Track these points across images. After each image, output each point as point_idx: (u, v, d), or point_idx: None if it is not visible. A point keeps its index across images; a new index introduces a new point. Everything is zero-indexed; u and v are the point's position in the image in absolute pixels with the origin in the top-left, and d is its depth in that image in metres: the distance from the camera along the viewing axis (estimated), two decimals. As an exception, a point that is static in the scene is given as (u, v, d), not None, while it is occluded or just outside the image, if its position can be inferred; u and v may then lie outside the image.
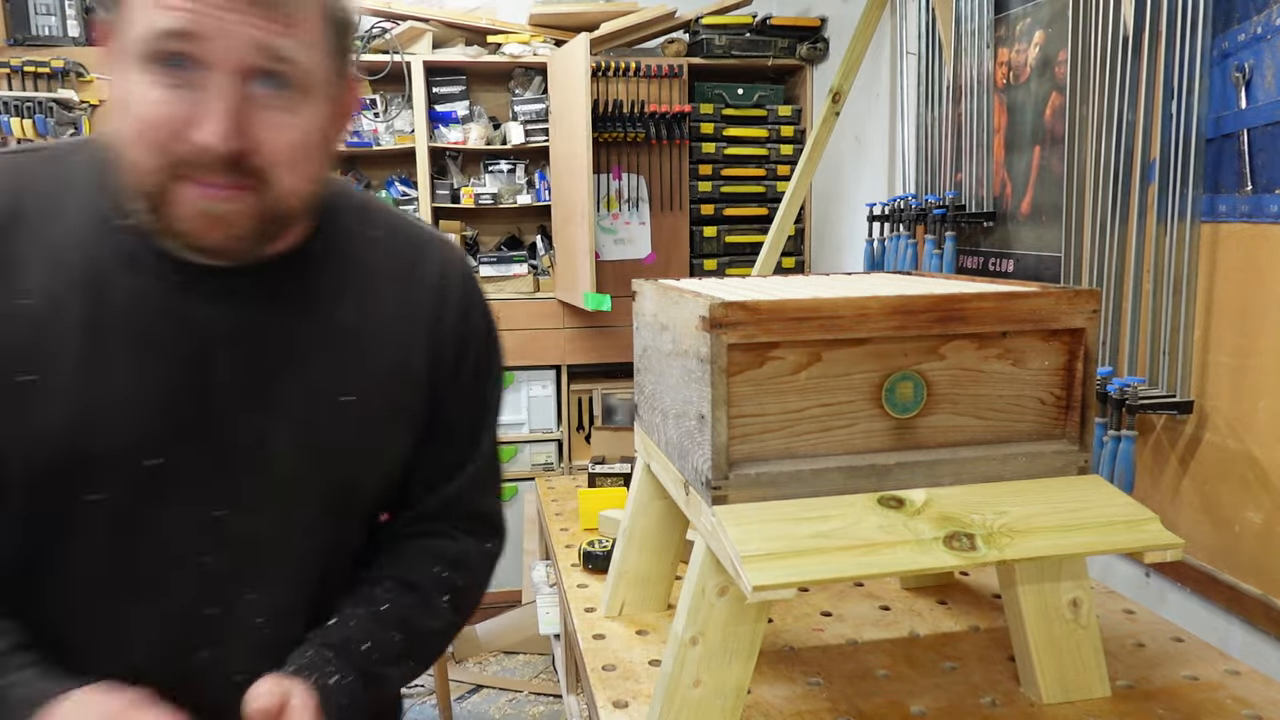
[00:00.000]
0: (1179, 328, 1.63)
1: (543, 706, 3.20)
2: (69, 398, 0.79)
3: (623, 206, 3.67)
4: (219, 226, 0.77)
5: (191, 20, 0.71)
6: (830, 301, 1.12)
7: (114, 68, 0.77)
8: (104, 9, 0.77)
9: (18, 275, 0.79)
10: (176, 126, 0.73)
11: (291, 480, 0.88)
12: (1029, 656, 1.24)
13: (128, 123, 0.75)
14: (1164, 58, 1.65)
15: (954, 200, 2.42)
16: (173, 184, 0.75)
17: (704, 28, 3.59)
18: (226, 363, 0.84)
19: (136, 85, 0.74)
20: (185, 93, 0.73)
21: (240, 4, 0.72)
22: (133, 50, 0.74)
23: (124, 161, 0.77)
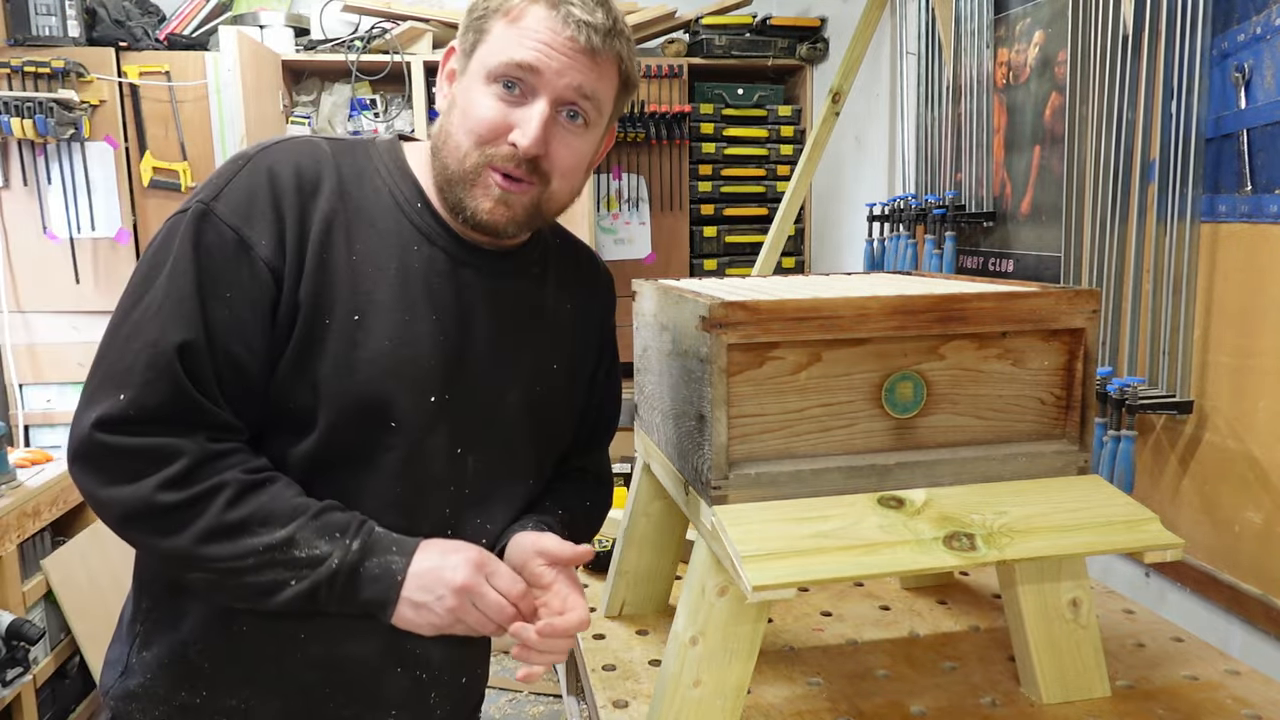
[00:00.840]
0: (1179, 328, 1.63)
1: (543, 706, 3.20)
2: (386, 337, 1.00)
3: (623, 206, 3.67)
4: (506, 208, 1.01)
5: (541, 60, 0.97)
6: (830, 301, 1.12)
7: (453, 75, 1.04)
8: (470, 34, 1.02)
9: (354, 236, 1.01)
10: (503, 129, 0.99)
11: (513, 427, 1.11)
12: (1029, 656, 1.24)
13: (463, 120, 1.00)
14: (1164, 58, 1.65)
15: (954, 200, 2.42)
16: (483, 170, 1.00)
17: (704, 28, 3.59)
18: (483, 324, 1.07)
19: (480, 95, 0.99)
20: (513, 108, 0.99)
21: (574, 55, 0.98)
22: (484, 68, 0.99)
23: (450, 147, 1.01)
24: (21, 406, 3.35)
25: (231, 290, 0.96)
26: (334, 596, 0.96)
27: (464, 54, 1.03)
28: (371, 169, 1.05)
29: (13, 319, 3.32)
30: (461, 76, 1.02)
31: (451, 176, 1.01)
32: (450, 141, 1.01)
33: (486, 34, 1.00)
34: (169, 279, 0.95)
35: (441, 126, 1.03)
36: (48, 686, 2.48)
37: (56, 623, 2.53)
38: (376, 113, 3.59)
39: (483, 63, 1.00)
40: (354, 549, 0.96)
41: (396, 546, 0.98)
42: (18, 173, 3.21)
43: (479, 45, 1.01)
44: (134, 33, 3.32)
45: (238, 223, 0.96)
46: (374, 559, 0.97)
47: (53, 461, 2.65)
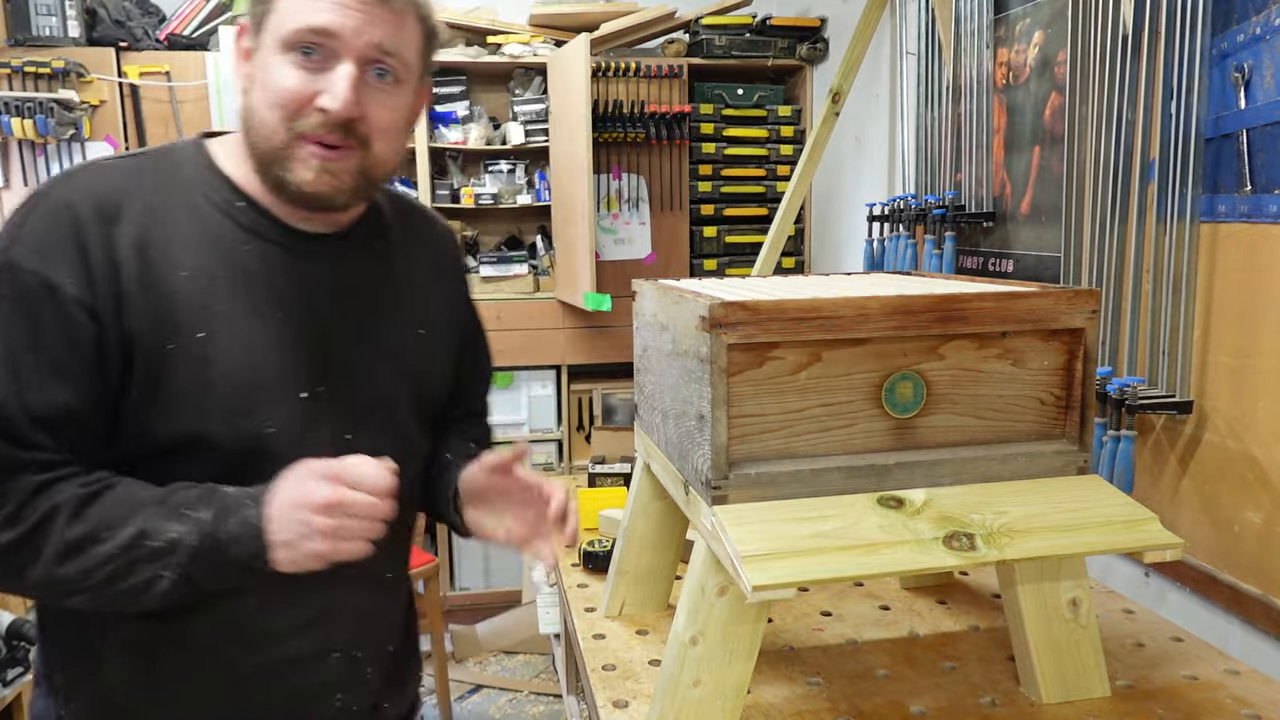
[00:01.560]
0: (1179, 328, 1.63)
1: (543, 706, 3.20)
2: (238, 346, 0.97)
3: (623, 206, 3.67)
4: (331, 177, 0.97)
5: (335, 21, 0.93)
6: (830, 301, 1.12)
7: (248, 54, 0.98)
8: (257, 6, 0.96)
9: (175, 252, 0.96)
10: (308, 97, 0.94)
11: (393, 400, 1.10)
12: (1029, 656, 1.24)
13: (265, 95, 0.95)
14: (1163, 58, 1.65)
15: (954, 200, 2.42)
16: (296, 142, 0.96)
17: (704, 28, 3.59)
18: (337, 311, 1.05)
19: (277, 66, 0.94)
20: (316, 75, 0.95)
21: (369, 10, 0.94)
22: (277, 39, 0.94)
23: (257, 126, 0.96)
24: (22, 406, 3.35)
25: (43, 336, 0.92)
26: (207, 571, 0.92)
27: (254, 29, 0.97)
28: (178, 178, 1.01)
29: (13, 319, 3.31)
30: (257, 53, 0.97)
31: (265, 156, 0.98)
32: (256, 119, 0.97)
33: (274, 2, 0.95)
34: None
35: (245, 108, 0.98)
36: (48, 686, 2.48)
37: (57, 623, 2.53)
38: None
39: (274, 33, 0.95)
40: (206, 519, 0.92)
41: (250, 498, 0.94)
42: (18, 173, 3.21)
43: (268, 16, 0.96)
44: (134, 33, 3.32)
45: (38, 266, 0.92)
46: (231, 519, 0.92)
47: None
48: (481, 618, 3.67)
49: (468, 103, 3.68)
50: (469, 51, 3.55)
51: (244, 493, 0.95)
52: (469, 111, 3.68)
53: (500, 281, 3.68)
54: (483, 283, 3.67)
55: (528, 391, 3.74)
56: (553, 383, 3.76)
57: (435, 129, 3.63)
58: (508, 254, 3.72)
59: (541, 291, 3.71)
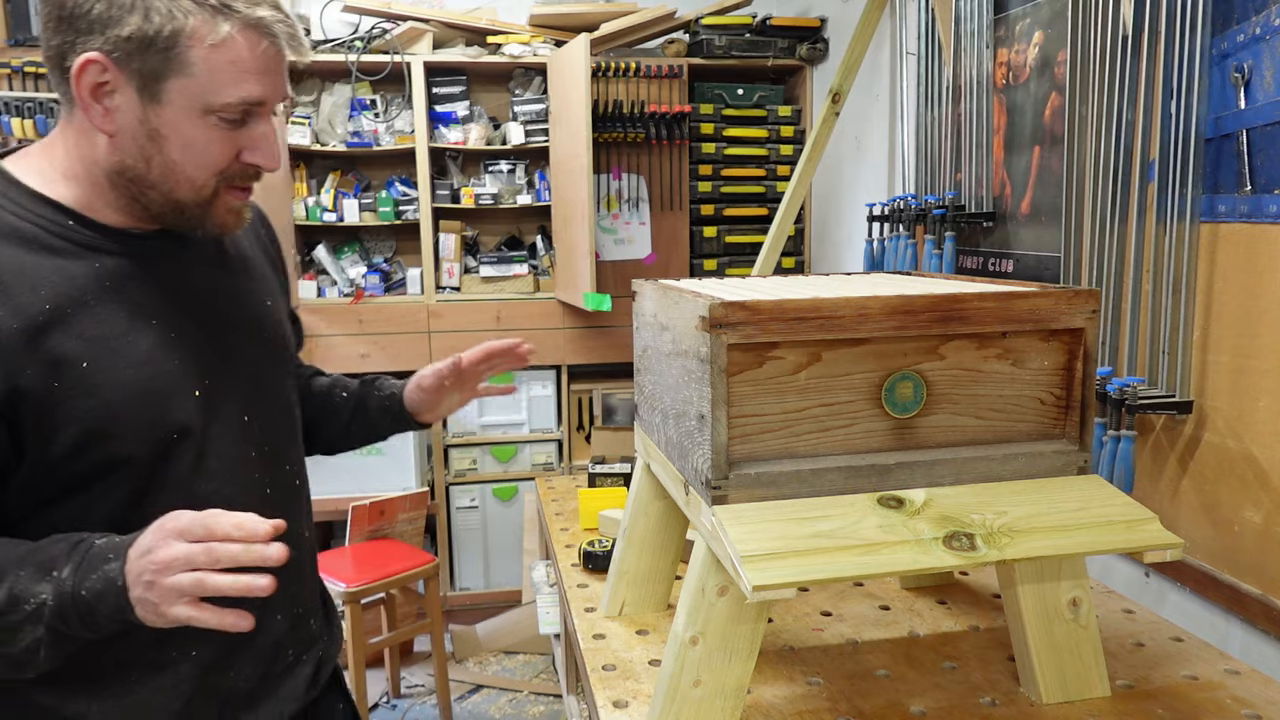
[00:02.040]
0: (1179, 328, 1.63)
1: (543, 706, 3.20)
2: (123, 364, 0.97)
3: (623, 206, 3.67)
4: (242, 216, 1.06)
5: (266, 91, 0.98)
6: (830, 301, 1.12)
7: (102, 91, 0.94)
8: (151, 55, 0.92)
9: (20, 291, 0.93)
10: (234, 154, 0.99)
11: (272, 374, 1.16)
12: (1029, 656, 1.24)
13: (192, 156, 0.97)
14: (1163, 58, 1.65)
15: (954, 200, 2.42)
16: (220, 193, 1.01)
17: (704, 28, 3.59)
18: (199, 303, 1.07)
19: (201, 130, 0.97)
20: (239, 131, 0.99)
21: (280, 66, 0.99)
22: (201, 105, 0.95)
23: (178, 180, 0.98)
24: (22, 406, 3.35)
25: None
26: (76, 629, 0.90)
27: (140, 78, 0.93)
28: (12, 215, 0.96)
29: (13, 319, 3.31)
30: (149, 107, 0.94)
31: (184, 205, 1.00)
32: (177, 174, 0.98)
33: (186, 65, 0.93)
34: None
35: (147, 159, 0.97)
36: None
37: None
38: (377, 113, 3.59)
39: (195, 99, 0.94)
40: (66, 577, 0.89)
41: (113, 552, 0.90)
42: (18, 173, 3.21)
43: (173, 74, 0.93)
44: (134, 33, 3.32)
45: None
46: (93, 575, 0.89)
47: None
48: (481, 618, 3.67)
49: (468, 103, 3.68)
50: (469, 51, 3.55)
51: (110, 546, 0.91)
52: (469, 111, 3.68)
53: (500, 281, 3.68)
54: (483, 283, 3.67)
55: (528, 392, 3.74)
56: (553, 383, 3.76)
57: (435, 129, 3.63)
58: (508, 254, 3.72)
59: (541, 291, 3.71)
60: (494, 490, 3.79)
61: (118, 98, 0.94)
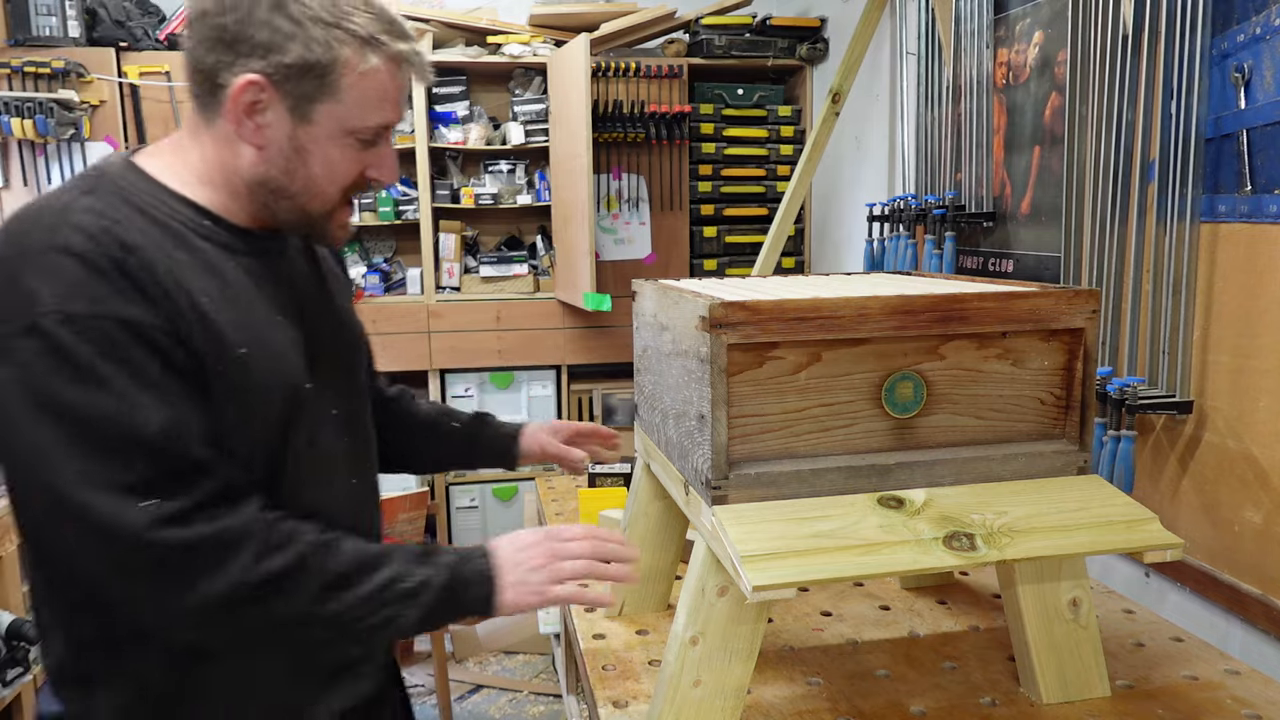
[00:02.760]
0: (1179, 328, 1.63)
1: (543, 706, 3.20)
2: (266, 354, 1.03)
3: (623, 206, 3.67)
4: (347, 232, 1.14)
5: (398, 117, 1.08)
6: (830, 301, 1.12)
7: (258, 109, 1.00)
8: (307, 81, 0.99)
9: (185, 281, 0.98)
10: (360, 171, 1.07)
11: (358, 372, 1.23)
12: (1029, 656, 1.24)
13: (328, 173, 1.05)
14: (1163, 58, 1.65)
15: (954, 200, 2.42)
16: (340, 206, 1.09)
17: (704, 28, 3.59)
18: (304, 300, 1.14)
19: (339, 151, 1.04)
20: (367, 150, 1.06)
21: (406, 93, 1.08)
22: (344, 128, 1.03)
23: (312, 195, 1.05)
24: (22, 406, 3.35)
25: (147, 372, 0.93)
26: (445, 610, 1.05)
27: (295, 99, 1.00)
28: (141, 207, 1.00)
29: (13, 319, 3.32)
30: (300, 126, 1.01)
31: (311, 216, 1.07)
32: (315, 190, 1.05)
33: (337, 91, 1.00)
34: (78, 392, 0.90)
35: (292, 173, 1.03)
36: (48, 686, 2.48)
37: (57, 623, 2.53)
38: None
39: (342, 122, 1.02)
40: (450, 562, 1.06)
41: (477, 552, 1.09)
42: (18, 173, 3.22)
43: (324, 98, 1.00)
44: (134, 33, 3.32)
45: (103, 309, 0.91)
46: (467, 566, 1.06)
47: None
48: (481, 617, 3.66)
49: (468, 103, 3.68)
50: (469, 51, 3.55)
51: (467, 548, 1.09)
52: (469, 111, 3.68)
53: (500, 281, 3.68)
54: (483, 283, 3.67)
55: (528, 391, 3.74)
56: (553, 383, 3.76)
57: (435, 129, 3.63)
58: (508, 254, 3.72)
59: (541, 291, 3.71)
60: (494, 490, 3.79)
61: (269, 115, 1.00)
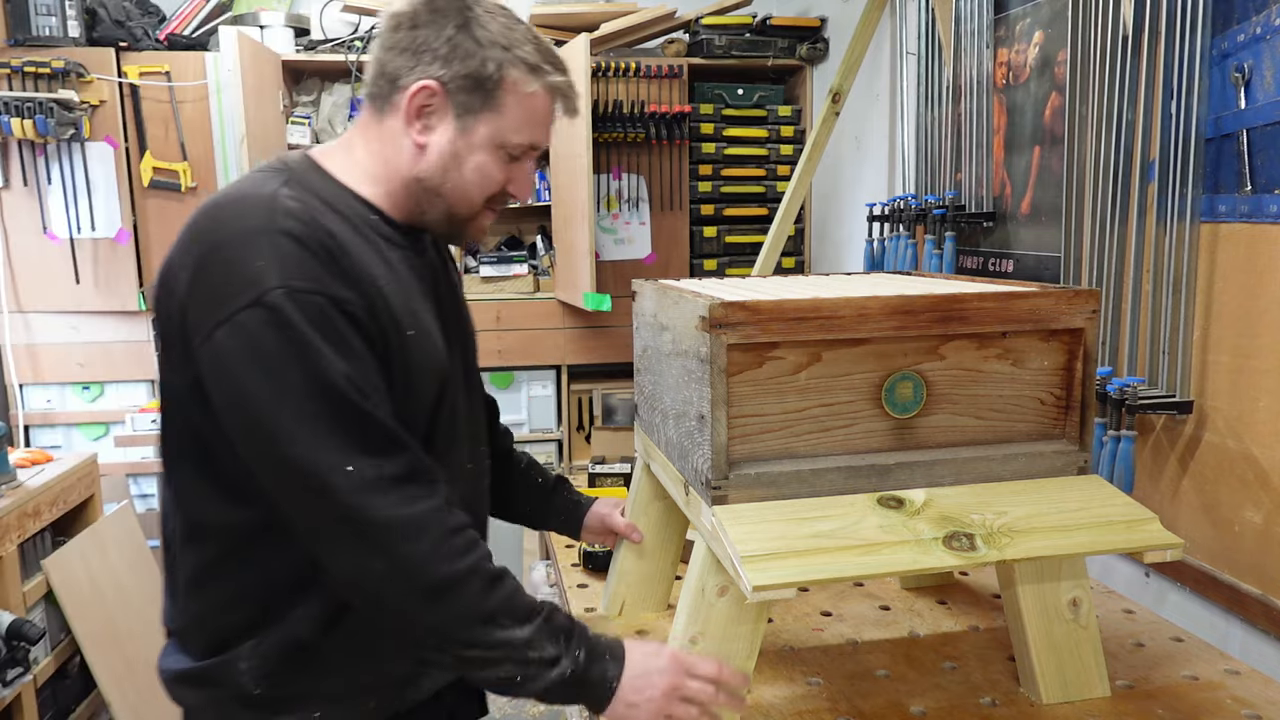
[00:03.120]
0: (1179, 328, 1.63)
1: (543, 707, 3.20)
2: (428, 340, 1.14)
3: (623, 206, 3.67)
4: (485, 235, 1.30)
5: (546, 141, 1.19)
6: (830, 301, 1.12)
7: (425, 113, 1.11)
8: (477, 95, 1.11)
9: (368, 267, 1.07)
10: (503, 183, 1.16)
11: (474, 358, 1.32)
12: (1029, 656, 1.24)
13: (479, 181, 1.14)
14: (1163, 58, 1.65)
15: (954, 200, 2.42)
16: (481, 212, 1.18)
17: (704, 28, 3.59)
18: (444, 295, 1.22)
19: (490, 162, 1.14)
20: (511, 165, 1.16)
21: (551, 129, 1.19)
22: (499, 141, 1.13)
23: (459, 198, 1.15)
24: (21, 406, 3.35)
25: (350, 346, 1.02)
26: (556, 695, 1.07)
27: (462, 108, 1.11)
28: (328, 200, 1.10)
29: (13, 319, 3.32)
30: (461, 133, 1.12)
31: (456, 217, 1.17)
32: (462, 193, 1.15)
33: (500, 106, 1.11)
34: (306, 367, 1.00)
35: (445, 174, 1.13)
36: (48, 686, 2.47)
37: (56, 623, 2.53)
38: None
39: (497, 134, 1.12)
40: (580, 659, 1.07)
41: (609, 653, 1.09)
42: (18, 173, 3.22)
43: (488, 112, 1.11)
44: (134, 33, 3.32)
45: (316, 286, 1.01)
46: (595, 666, 1.07)
47: (53, 462, 2.65)
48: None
49: (468, 103, 3.67)
50: (469, 51, 3.55)
51: (603, 644, 1.10)
52: (469, 111, 3.68)
53: (500, 281, 3.68)
54: (483, 283, 3.67)
55: (528, 391, 3.74)
56: (553, 383, 3.76)
57: (435, 129, 3.62)
58: (508, 254, 3.71)
59: (541, 291, 3.71)
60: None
61: (435, 119, 1.11)
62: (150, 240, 3.35)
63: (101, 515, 2.82)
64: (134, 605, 2.74)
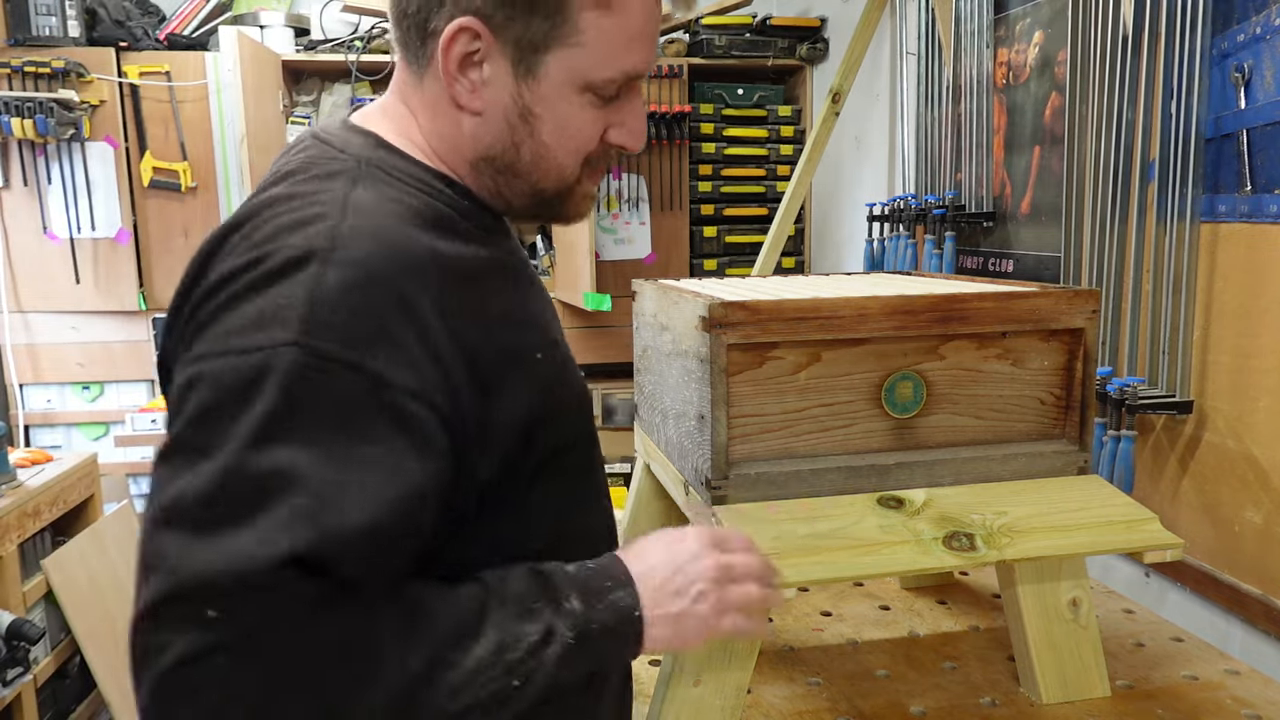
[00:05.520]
0: (1179, 328, 1.63)
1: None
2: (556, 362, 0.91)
3: (623, 206, 3.67)
4: (590, 203, 0.92)
5: (649, 61, 0.84)
6: (830, 301, 1.12)
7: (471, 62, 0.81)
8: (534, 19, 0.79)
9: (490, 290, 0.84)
10: (601, 134, 0.86)
11: None
12: (1029, 656, 1.24)
13: (563, 139, 0.84)
14: (1164, 58, 1.65)
15: (954, 200, 2.42)
16: (582, 177, 0.88)
17: (704, 28, 3.59)
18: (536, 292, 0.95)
19: (577, 110, 0.83)
20: (609, 107, 0.85)
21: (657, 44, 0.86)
22: (583, 81, 0.82)
23: (547, 167, 0.85)
24: (22, 406, 3.35)
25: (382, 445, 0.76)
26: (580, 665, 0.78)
27: (520, 45, 0.80)
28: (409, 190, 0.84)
29: (13, 319, 3.32)
30: (526, 81, 0.82)
31: (547, 195, 0.88)
32: (547, 161, 0.85)
33: (573, 32, 0.80)
34: None
35: (518, 140, 0.84)
36: (48, 686, 2.47)
37: (56, 623, 2.53)
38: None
39: (578, 72, 0.82)
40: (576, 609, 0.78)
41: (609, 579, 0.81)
42: (18, 173, 3.21)
43: (556, 44, 0.80)
44: (134, 33, 3.32)
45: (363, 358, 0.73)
46: (599, 607, 0.79)
47: (53, 461, 2.65)
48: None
49: (468, 103, 3.67)
50: (469, 51, 3.55)
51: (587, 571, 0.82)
52: (469, 111, 3.68)
53: (500, 281, 3.68)
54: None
55: (528, 391, 3.73)
56: (553, 383, 3.75)
57: (435, 129, 3.62)
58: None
59: (541, 291, 3.71)
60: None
61: (487, 70, 0.81)
62: (150, 240, 3.35)
63: (101, 515, 2.82)
64: (134, 605, 2.74)
